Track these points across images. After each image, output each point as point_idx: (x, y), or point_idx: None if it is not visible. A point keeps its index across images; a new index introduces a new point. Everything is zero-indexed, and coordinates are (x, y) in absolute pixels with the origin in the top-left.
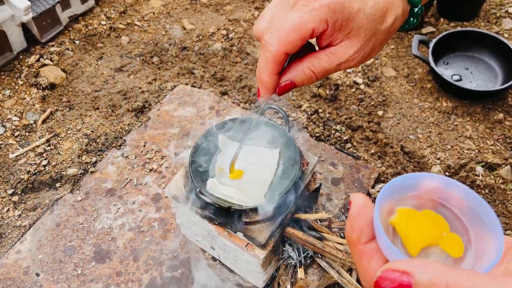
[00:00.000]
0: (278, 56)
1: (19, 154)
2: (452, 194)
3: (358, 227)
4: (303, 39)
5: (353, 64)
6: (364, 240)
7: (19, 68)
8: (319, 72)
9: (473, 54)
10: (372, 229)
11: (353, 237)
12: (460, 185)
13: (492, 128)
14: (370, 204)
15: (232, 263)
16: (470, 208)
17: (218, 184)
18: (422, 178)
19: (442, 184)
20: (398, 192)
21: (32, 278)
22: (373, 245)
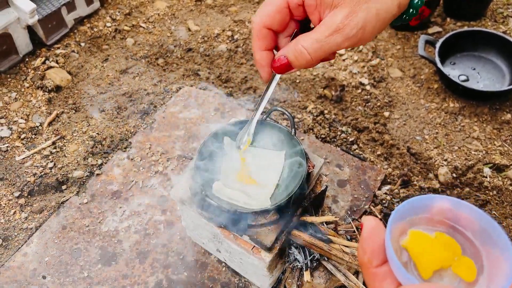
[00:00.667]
0: (259, 30)
1: (26, 156)
2: (462, 215)
3: (370, 250)
4: (279, 11)
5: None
6: (376, 263)
7: (25, 71)
8: (311, 46)
9: (480, 54)
10: (383, 251)
11: (365, 259)
12: (470, 206)
13: (499, 128)
14: (381, 227)
15: (238, 265)
16: (481, 229)
17: (224, 187)
18: (432, 200)
19: (453, 205)
20: (409, 213)
21: (38, 280)
22: (385, 268)
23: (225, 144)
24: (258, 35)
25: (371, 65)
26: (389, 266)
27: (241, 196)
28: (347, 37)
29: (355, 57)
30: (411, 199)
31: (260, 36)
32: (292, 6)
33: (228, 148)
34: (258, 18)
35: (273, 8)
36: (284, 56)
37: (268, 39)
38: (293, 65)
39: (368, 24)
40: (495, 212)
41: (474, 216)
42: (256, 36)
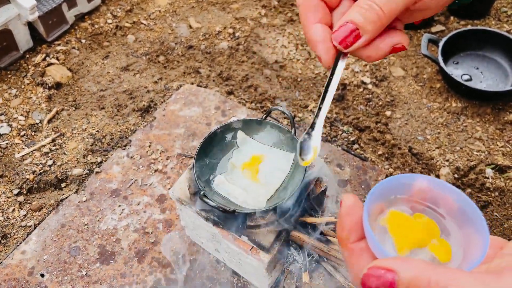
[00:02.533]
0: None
1: (25, 154)
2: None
3: (348, 226)
4: None
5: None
6: (353, 239)
7: (25, 67)
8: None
9: (484, 53)
10: (361, 228)
11: (342, 235)
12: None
13: (502, 129)
14: (360, 204)
15: (236, 266)
16: (460, 210)
17: (225, 182)
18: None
19: (432, 185)
20: (388, 192)
21: (37, 278)
22: (362, 244)
23: (238, 138)
24: (305, 6)
25: (373, 64)
26: (366, 242)
27: (241, 194)
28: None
29: None
30: (390, 178)
31: (310, 6)
32: None
33: (241, 143)
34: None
35: None
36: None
37: (320, 11)
38: (362, 29)
39: None
40: (497, 213)
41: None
42: (305, 8)
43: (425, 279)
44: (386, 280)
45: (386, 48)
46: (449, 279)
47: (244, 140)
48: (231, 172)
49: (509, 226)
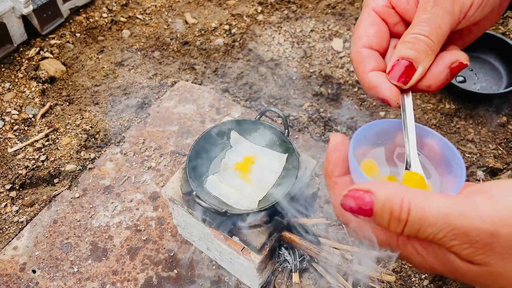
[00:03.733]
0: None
1: (18, 148)
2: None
3: (334, 161)
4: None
5: None
6: (338, 173)
7: (19, 61)
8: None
9: (479, 55)
10: (346, 164)
11: (328, 169)
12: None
13: (494, 131)
14: (347, 142)
15: (228, 265)
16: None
17: (218, 182)
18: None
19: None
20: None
21: (28, 274)
22: (346, 179)
23: (232, 138)
24: (359, 58)
25: None
26: (350, 178)
27: (233, 194)
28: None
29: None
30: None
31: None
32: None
33: (234, 143)
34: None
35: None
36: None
37: (374, 59)
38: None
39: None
40: None
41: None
42: (358, 60)
43: (399, 197)
44: (364, 200)
45: (444, 71)
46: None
47: (237, 140)
48: (223, 172)
49: None
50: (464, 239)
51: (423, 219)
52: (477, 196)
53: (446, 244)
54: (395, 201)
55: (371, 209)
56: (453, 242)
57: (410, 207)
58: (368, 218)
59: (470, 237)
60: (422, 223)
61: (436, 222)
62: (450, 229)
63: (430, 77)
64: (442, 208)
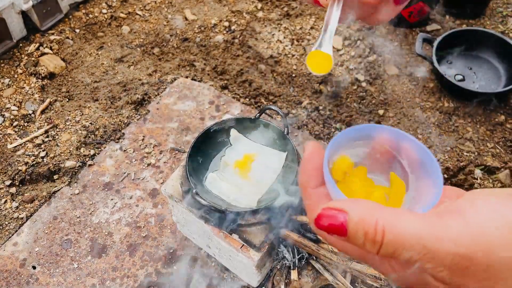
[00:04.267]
0: None
1: (18, 144)
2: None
3: (308, 172)
4: None
5: None
6: (313, 184)
7: (18, 57)
8: None
9: (478, 53)
10: (321, 175)
11: (303, 180)
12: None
13: (493, 130)
14: (321, 151)
15: (227, 261)
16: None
17: (218, 180)
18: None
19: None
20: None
21: (28, 270)
22: (322, 190)
23: (232, 136)
24: None
25: (367, 62)
26: (325, 189)
27: (232, 192)
28: None
29: (352, 53)
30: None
31: None
32: None
33: (234, 141)
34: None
35: None
36: None
37: None
38: None
39: None
40: None
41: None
42: None
43: (373, 218)
44: (337, 220)
45: None
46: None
47: (237, 138)
48: (223, 170)
49: None
50: (439, 263)
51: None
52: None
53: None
54: (369, 221)
55: (345, 229)
56: (428, 265)
57: (385, 229)
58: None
59: (444, 261)
60: (397, 246)
61: (411, 246)
62: (425, 252)
63: None
64: (417, 230)
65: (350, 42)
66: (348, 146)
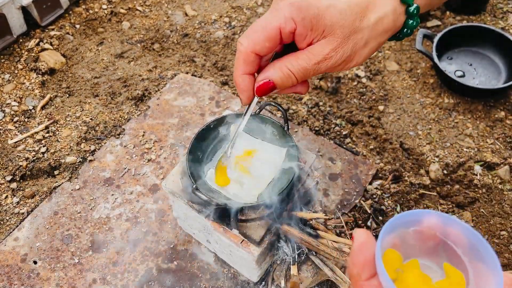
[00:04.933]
0: (246, 55)
1: (18, 140)
2: (452, 231)
3: (360, 264)
4: (270, 39)
5: (332, 64)
6: (365, 276)
7: (18, 52)
8: (298, 71)
9: (478, 49)
10: (373, 265)
11: (354, 272)
12: (458, 222)
13: (492, 126)
14: (372, 240)
15: (227, 257)
16: (470, 245)
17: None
18: (422, 215)
19: (442, 221)
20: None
21: (29, 265)
22: (374, 282)
23: (232, 133)
24: (245, 60)
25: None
26: (378, 280)
27: (233, 186)
28: (332, 66)
29: None
30: (402, 214)
31: (247, 61)
32: (284, 35)
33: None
34: (247, 43)
35: (264, 35)
36: (269, 80)
37: (254, 64)
38: (278, 87)
39: (355, 54)
40: (483, 210)
41: (463, 232)
42: (243, 60)
43: None
44: None
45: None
46: None
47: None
48: None
49: (494, 222)
50: None
51: None
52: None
53: None
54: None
55: None
56: None
57: None
58: None
59: None
60: None
61: None
62: None
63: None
64: None
65: None
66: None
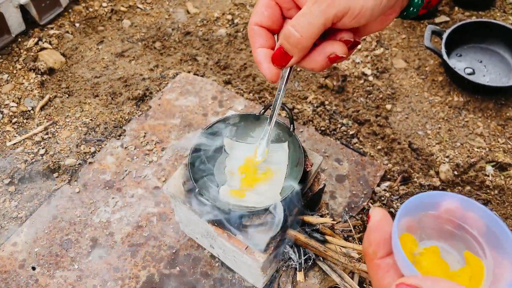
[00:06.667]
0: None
1: (17, 142)
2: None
3: (375, 242)
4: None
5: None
6: (381, 254)
7: (17, 52)
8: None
9: (488, 46)
10: (388, 244)
11: (369, 251)
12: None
13: (504, 125)
14: (389, 219)
15: (231, 262)
16: (488, 230)
17: (230, 191)
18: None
19: (462, 204)
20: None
21: (28, 271)
22: (389, 260)
23: (226, 145)
24: (251, 34)
25: (374, 55)
26: (393, 259)
27: (249, 196)
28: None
29: (358, 46)
30: (420, 195)
31: (254, 34)
32: None
33: (229, 149)
34: (252, 18)
35: (261, 4)
36: (280, 45)
37: (263, 37)
38: (288, 51)
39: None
40: (496, 212)
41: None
42: (250, 35)
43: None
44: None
45: (323, 59)
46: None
47: (231, 146)
48: (231, 180)
49: (508, 225)
50: None
51: None
52: None
53: None
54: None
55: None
56: None
57: None
58: None
59: None
60: None
61: None
62: None
63: (312, 62)
64: None
65: None
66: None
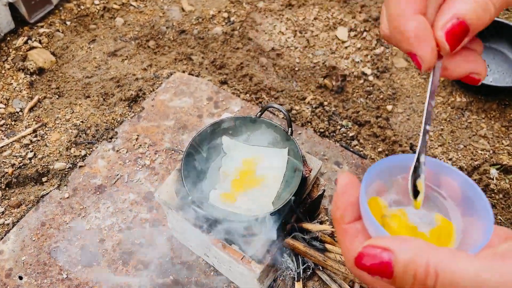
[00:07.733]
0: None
1: (4, 145)
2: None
3: (343, 206)
4: None
5: None
6: (348, 219)
7: (6, 51)
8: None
9: (491, 45)
10: (356, 209)
11: (337, 215)
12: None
13: (508, 126)
14: (356, 183)
15: (227, 272)
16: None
17: (221, 195)
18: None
19: (434, 168)
20: (387, 172)
21: (15, 281)
22: (357, 225)
23: (224, 144)
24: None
25: (375, 54)
26: (361, 224)
27: (241, 202)
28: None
29: (358, 45)
30: (389, 157)
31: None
32: None
33: (227, 149)
34: None
35: None
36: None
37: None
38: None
39: None
40: (501, 217)
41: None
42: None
43: (423, 260)
44: (381, 259)
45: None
46: (449, 261)
47: (230, 145)
48: (224, 182)
49: None
50: None
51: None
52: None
53: None
54: (419, 263)
55: (391, 270)
56: None
57: (438, 272)
58: (387, 280)
59: None
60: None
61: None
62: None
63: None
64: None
65: (356, 33)
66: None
